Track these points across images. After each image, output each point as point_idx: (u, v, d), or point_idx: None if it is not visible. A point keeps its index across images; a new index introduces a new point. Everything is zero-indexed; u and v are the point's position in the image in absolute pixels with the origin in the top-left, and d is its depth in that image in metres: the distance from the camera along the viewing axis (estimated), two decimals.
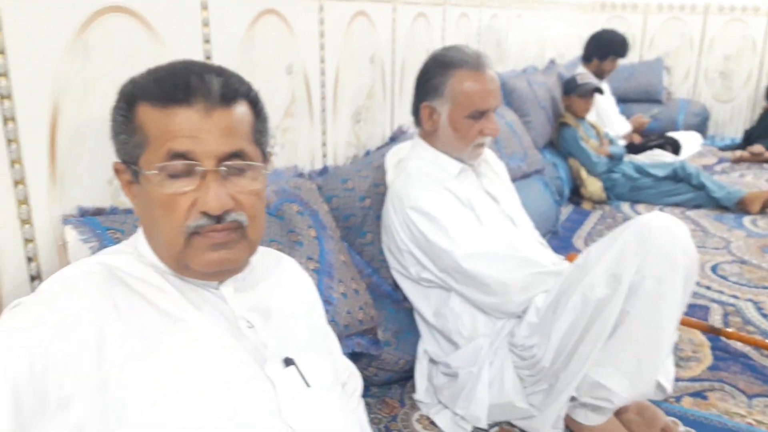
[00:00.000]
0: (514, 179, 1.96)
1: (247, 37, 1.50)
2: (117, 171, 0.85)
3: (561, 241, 2.72)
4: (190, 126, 0.77)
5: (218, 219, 0.79)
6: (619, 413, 1.43)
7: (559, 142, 3.31)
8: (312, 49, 1.77)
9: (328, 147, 1.90)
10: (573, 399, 1.38)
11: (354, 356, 1.41)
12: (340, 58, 1.89)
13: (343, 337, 1.36)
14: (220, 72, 0.81)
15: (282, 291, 0.95)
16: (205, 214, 0.78)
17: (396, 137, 2.16)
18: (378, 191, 1.69)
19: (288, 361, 0.86)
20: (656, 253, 1.26)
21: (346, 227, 1.65)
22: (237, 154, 0.80)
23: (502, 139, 2.62)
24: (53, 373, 0.69)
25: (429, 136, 1.62)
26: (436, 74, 1.55)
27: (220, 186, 0.78)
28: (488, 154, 1.73)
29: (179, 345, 0.77)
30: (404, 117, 2.30)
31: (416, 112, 1.63)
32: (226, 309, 0.85)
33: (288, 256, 1.06)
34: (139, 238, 0.87)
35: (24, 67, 1.01)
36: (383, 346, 1.54)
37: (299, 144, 1.76)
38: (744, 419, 1.52)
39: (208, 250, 0.80)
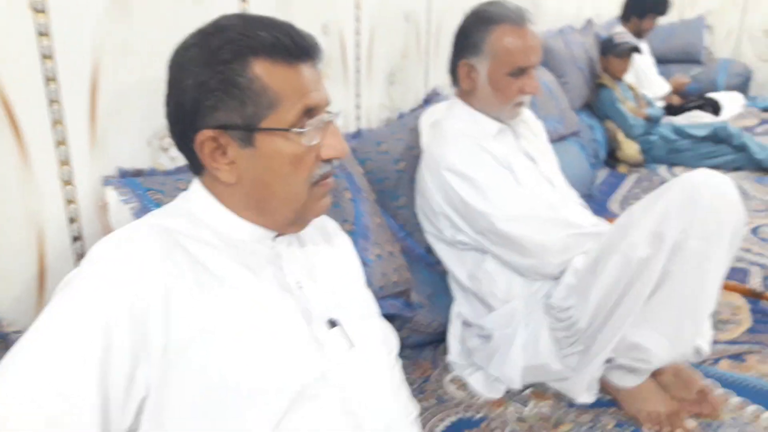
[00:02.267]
0: (550, 141, 1.93)
1: None
2: (204, 140, 0.78)
3: (596, 204, 2.67)
4: (313, 80, 0.81)
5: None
6: (655, 375, 1.42)
7: (596, 104, 3.24)
8: (347, 8, 1.74)
9: (362, 110, 1.89)
10: (609, 360, 1.37)
11: (388, 318, 1.41)
12: (375, 17, 1.86)
13: (377, 298, 1.36)
14: (297, 28, 0.82)
15: (327, 251, 0.96)
16: (327, 161, 0.83)
17: (430, 100, 2.13)
18: (412, 154, 1.67)
19: (332, 323, 0.87)
20: (703, 212, 1.23)
21: (380, 190, 1.65)
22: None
23: (539, 100, 2.57)
24: (151, 319, 0.70)
25: (467, 95, 1.59)
26: (475, 30, 1.52)
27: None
28: (527, 114, 1.70)
29: (236, 313, 0.77)
30: (439, 78, 2.26)
31: (454, 70, 1.60)
32: (278, 268, 0.85)
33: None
34: (197, 202, 0.84)
35: (65, 27, 1.01)
36: (417, 308, 1.55)
37: (333, 107, 1.75)
38: None
39: (324, 197, 0.86)
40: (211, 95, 0.76)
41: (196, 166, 0.84)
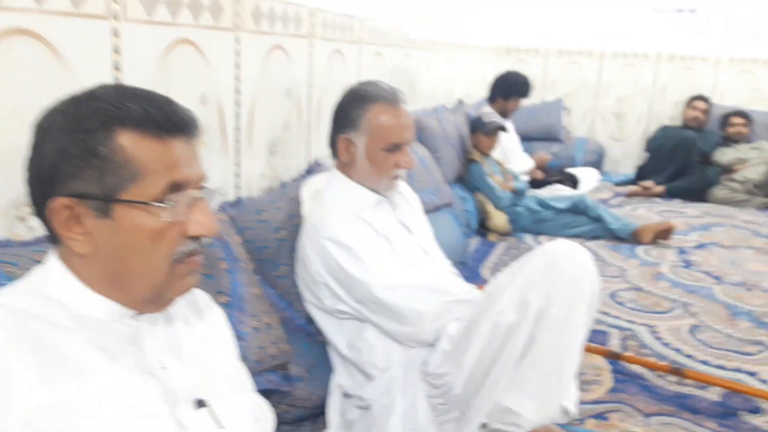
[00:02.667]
0: (426, 212, 2.02)
1: (160, 66, 1.47)
2: (58, 208, 0.74)
3: (469, 271, 2.80)
4: (185, 155, 0.79)
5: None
6: None
7: (467, 177, 3.44)
8: (227, 80, 1.76)
9: (242, 178, 1.88)
10: (484, 426, 1.41)
11: (265, 393, 1.37)
12: (257, 90, 1.89)
13: (254, 373, 1.32)
14: (175, 103, 0.80)
15: (196, 327, 0.92)
16: (194, 238, 0.80)
17: (312, 170, 2.17)
18: (293, 223, 1.68)
19: (200, 403, 0.83)
20: (563, 278, 1.33)
21: (260, 260, 1.63)
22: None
23: (415, 174, 2.69)
24: None
25: (346, 167, 1.64)
26: (353, 107, 1.58)
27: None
28: (403, 186, 1.77)
29: (87, 407, 0.71)
30: (321, 150, 2.32)
31: (333, 144, 1.65)
32: (139, 348, 0.80)
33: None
34: (49, 276, 0.79)
35: None
36: (296, 381, 1.51)
37: (210, 175, 1.72)
38: None
39: (187, 276, 0.82)
40: (69, 162, 0.73)
41: (53, 237, 0.79)
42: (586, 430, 1.63)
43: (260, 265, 1.62)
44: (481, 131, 3.45)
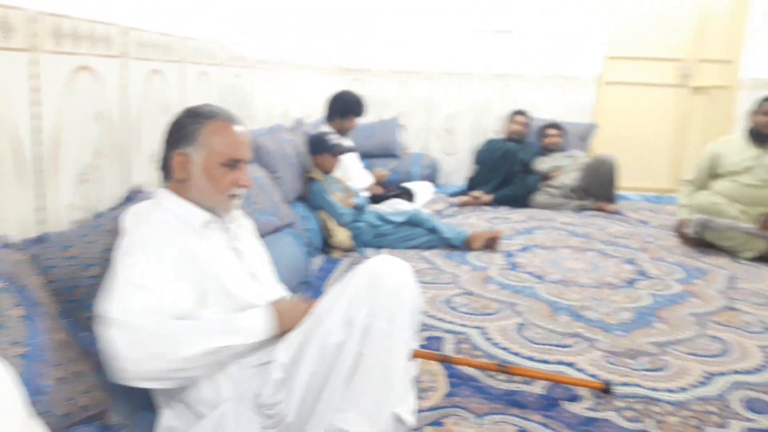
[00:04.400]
0: (265, 234, 1.97)
1: None
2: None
3: (314, 289, 2.79)
4: None
5: None
6: None
7: (309, 196, 3.44)
8: (21, 105, 1.59)
9: (48, 212, 1.70)
10: None
11: None
12: (60, 115, 1.73)
13: (64, 428, 1.20)
14: None
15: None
16: None
17: (133, 197, 2.02)
18: (106, 257, 1.55)
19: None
20: (385, 294, 1.36)
21: (69, 301, 1.48)
22: None
23: (253, 195, 2.64)
24: None
25: (179, 186, 1.56)
26: (190, 123, 1.55)
27: None
28: (236, 211, 1.72)
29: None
30: (142, 175, 2.18)
31: (166, 162, 1.57)
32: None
33: None
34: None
35: None
36: (117, 430, 1.39)
37: (4, 210, 1.55)
38: None
39: None
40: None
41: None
42: None
43: (69, 308, 1.47)
44: (329, 152, 3.48)
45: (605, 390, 1.95)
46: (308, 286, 2.83)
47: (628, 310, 2.68)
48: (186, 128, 1.55)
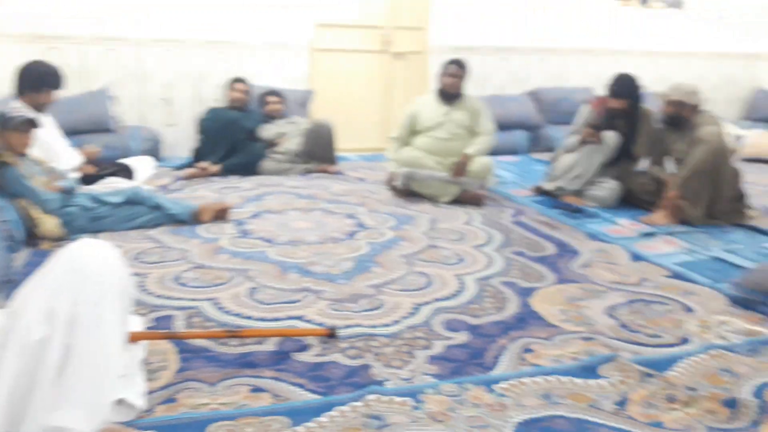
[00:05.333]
0: None
1: None
2: None
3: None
4: None
5: None
6: None
7: (2, 183, 3.01)
8: None
9: None
10: None
11: None
12: None
13: None
14: None
15: None
16: None
17: None
18: None
19: None
20: (89, 279, 1.30)
21: None
22: None
23: None
24: None
25: None
26: None
27: None
28: None
29: None
30: None
31: None
32: None
33: None
34: None
35: None
36: None
37: None
38: (209, 406, 1.71)
39: None
40: None
41: None
42: (156, 418, 1.65)
43: None
44: (16, 129, 3.05)
45: (331, 335, 2.13)
46: (14, 285, 2.51)
47: (350, 260, 2.94)
48: None
